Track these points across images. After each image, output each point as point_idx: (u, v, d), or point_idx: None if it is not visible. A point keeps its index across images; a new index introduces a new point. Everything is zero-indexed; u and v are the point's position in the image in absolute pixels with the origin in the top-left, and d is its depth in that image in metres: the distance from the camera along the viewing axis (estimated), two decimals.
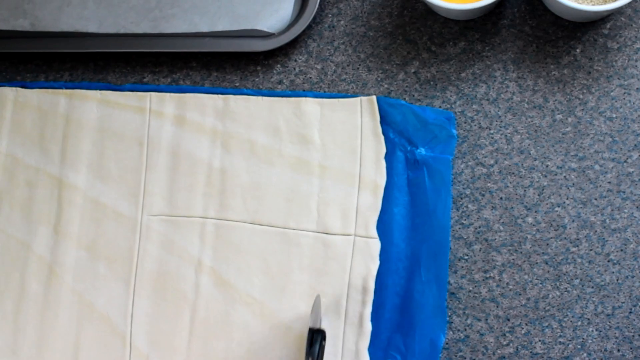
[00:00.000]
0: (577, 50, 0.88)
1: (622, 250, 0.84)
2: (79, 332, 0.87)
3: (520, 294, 0.84)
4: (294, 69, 0.91)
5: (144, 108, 0.91)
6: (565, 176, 0.86)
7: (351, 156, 0.87)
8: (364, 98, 0.88)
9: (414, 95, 0.89)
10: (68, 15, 0.94)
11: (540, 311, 0.84)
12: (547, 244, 0.85)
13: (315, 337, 0.79)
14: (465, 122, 0.88)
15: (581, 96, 0.87)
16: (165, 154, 0.90)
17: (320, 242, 0.86)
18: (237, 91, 0.91)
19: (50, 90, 0.93)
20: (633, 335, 0.83)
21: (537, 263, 0.85)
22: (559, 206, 0.85)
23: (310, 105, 0.89)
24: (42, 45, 0.94)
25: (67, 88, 0.93)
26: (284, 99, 0.89)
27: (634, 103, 0.86)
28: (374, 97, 0.88)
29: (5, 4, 0.95)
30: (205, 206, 0.88)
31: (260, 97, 0.90)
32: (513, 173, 0.86)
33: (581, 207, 0.85)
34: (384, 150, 0.87)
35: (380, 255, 0.85)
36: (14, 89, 0.94)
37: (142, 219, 0.89)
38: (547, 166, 0.86)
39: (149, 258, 0.88)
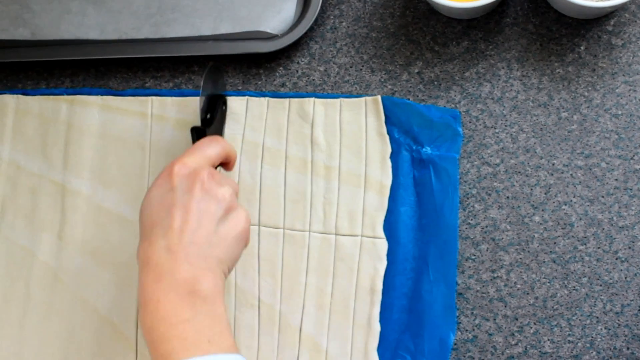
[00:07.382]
0: (582, 48, 0.88)
1: (630, 247, 0.84)
2: (84, 338, 0.87)
3: (528, 293, 0.84)
4: (297, 71, 0.91)
5: (146, 113, 0.91)
6: (571, 174, 0.85)
7: (356, 156, 0.87)
8: (368, 98, 0.88)
9: (417, 96, 0.88)
10: (68, 23, 0.94)
11: (549, 310, 0.83)
12: (555, 243, 0.84)
13: (213, 101, 0.77)
14: (470, 122, 0.87)
15: (586, 93, 0.87)
16: (168, 158, 0.89)
17: (327, 244, 0.85)
18: (239, 94, 0.90)
19: (51, 97, 0.93)
20: None
21: (544, 262, 0.84)
22: (566, 204, 0.85)
23: (314, 106, 0.89)
24: (43, 54, 0.93)
25: (68, 94, 0.93)
26: (287, 99, 0.89)
27: (639, 100, 0.86)
28: (379, 97, 0.87)
29: (5, 13, 0.95)
30: None
31: (263, 99, 0.89)
32: (519, 172, 0.86)
33: (588, 205, 0.85)
34: (389, 150, 0.86)
35: (388, 255, 0.85)
36: (15, 96, 0.93)
37: None
38: (553, 164, 0.86)
39: None
